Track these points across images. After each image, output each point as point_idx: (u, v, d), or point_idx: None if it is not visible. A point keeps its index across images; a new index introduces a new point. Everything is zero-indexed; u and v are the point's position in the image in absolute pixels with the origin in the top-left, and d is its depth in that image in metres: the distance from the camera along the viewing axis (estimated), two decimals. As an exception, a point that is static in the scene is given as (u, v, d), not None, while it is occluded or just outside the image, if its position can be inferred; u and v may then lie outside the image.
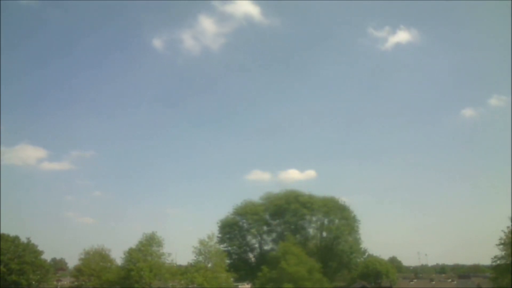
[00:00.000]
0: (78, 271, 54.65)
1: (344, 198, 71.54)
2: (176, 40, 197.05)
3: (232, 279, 52.01)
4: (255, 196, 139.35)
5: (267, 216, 69.49)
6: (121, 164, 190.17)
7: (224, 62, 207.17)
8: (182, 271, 48.96)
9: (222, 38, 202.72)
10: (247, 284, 65.40)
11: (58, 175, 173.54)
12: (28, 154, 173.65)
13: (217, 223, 68.43)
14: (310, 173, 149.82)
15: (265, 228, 69.53)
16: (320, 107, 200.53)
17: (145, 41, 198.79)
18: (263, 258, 61.69)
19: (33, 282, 54.69)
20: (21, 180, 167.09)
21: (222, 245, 64.09)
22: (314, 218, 67.90)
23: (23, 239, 56.90)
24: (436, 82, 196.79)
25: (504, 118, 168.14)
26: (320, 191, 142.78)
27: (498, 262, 45.29)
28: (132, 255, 47.15)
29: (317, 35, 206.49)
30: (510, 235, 43.90)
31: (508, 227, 44.55)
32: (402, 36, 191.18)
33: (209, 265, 48.53)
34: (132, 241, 50.77)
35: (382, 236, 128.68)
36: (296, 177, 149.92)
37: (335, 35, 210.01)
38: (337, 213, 66.63)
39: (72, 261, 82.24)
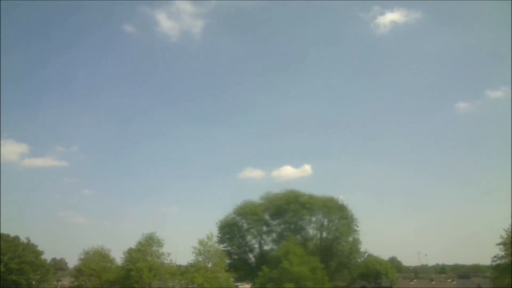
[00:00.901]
0: (78, 271, 54.65)
1: (342, 197, 71.72)
2: (152, 23, 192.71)
3: (232, 279, 52.02)
4: (249, 194, 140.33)
5: (267, 216, 69.45)
6: (107, 161, 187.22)
7: (206, 50, 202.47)
8: (182, 271, 48.99)
9: (201, 20, 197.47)
10: (247, 284, 65.39)
11: (42, 172, 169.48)
12: (9, 149, 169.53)
13: (217, 223, 68.43)
14: (306, 169, 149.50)
15: (264, 228, 69.47)
16: (312, 99, 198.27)
17: (119, 26, 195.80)
18: (263, 258, 61.63)
19: (33, 282, 54.68)
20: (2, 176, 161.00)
21: (222, 245, 64.07)
22: (313, 219, 67.90)
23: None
24: (430, 73, 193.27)
25: (505, 113, 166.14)
26: (316, 188, 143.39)
27: (498, 262, 45.35)
28: (131, 255, 47.14)
29: (305, 18, 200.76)
30: (510, 235, 43.93)
31: (508, 227, 44.59)
32: (393, 17, 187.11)
33: (209, 265, 48.54)
34: (128, 241, 50.61)
35: (382, 236, 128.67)
36: (291, 174, 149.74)
37: (324, 15, 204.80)
38: (336, 213, 66.56)
39: (72, 261, 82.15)
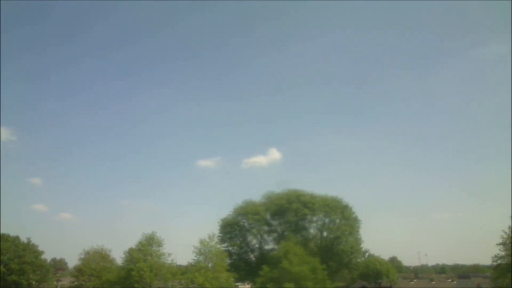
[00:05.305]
0: (78, 271, 54.62)
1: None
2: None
3: (232, 279, 51.95)
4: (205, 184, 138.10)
5: (268, 216, 69.37)
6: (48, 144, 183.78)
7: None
8: (183, 271, 48.93)
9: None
10: (247, 284, 65.36)
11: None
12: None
13: (218, 222, 68.63)
14: (276, 157, 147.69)
15: (265, 228, 69.40)
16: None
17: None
18: (264, 258, 61.60)
19: (33, 282, 54.61)
20: None
21: (222, 245, 64.10)
22: (314, 218, 67.82)
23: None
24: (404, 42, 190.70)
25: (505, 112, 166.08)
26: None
27: (498, 261, 45.35)
28: (132, 255, 47.08)
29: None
30: (510, 235, 43.94)
31: (508, 226, 44.61)
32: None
33: (210, 265, 48.49)
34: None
35: (382, 236, 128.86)
36: (262, 162, 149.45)
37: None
38: (338, 213, 66.55)
39: (72, 261, 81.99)
